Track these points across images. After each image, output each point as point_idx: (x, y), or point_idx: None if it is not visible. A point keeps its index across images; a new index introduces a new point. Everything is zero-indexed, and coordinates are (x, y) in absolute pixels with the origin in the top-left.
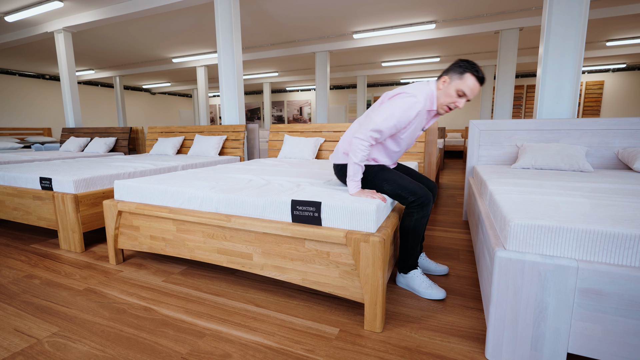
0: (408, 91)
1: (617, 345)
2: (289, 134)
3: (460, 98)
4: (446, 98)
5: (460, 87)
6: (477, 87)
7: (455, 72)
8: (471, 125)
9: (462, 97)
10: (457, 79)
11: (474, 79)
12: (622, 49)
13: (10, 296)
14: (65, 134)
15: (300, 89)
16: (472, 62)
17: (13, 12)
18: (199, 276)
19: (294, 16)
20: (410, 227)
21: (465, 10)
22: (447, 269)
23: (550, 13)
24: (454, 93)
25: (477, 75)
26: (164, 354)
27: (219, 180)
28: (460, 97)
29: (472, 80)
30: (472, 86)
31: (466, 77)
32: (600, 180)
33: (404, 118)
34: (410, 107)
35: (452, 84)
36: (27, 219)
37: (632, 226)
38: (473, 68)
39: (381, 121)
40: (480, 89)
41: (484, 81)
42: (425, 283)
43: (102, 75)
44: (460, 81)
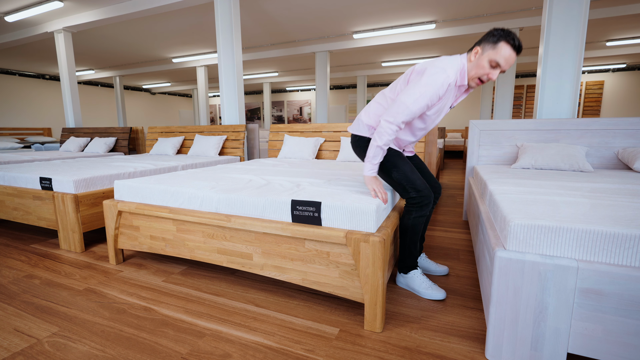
0: (437, 65)
1: (617, 345)
2: (289, 134)
3: (493, 69)
4: (478, 70)
5: (494, 57)
6: (513, 56)
7: (488, 42)
8: (471, 125)
9: (496, 68)
10: (490, 48)
11: (509, 47)
12: (622, 49)
13: (10, 296)
14: (65, 134)
15: (300, 89)
16: (507, 30)
17: (13, 12)
18: (199, 276)
19: (294, 16)
20: (409, 225)
21: (465, 10)
22: (447, 269)
23: (550, 13)
24: (487, 64)
25: (513, 43)
26: (164, 354)
27: (219, 180)
28: (494, 68)
29: (507, 50)
30: (507, 56)
31: (500, 46)
32: (600, 180)
33: (435, 96)
34: (441, 84)
35: (484, 55)
36: (27, 219)
37: (632, 226)
38: (508, 36)
39: (412, 103)
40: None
41: (520, 50)
42: (425, 283)
43: (102, 75)
44: (493, 51)
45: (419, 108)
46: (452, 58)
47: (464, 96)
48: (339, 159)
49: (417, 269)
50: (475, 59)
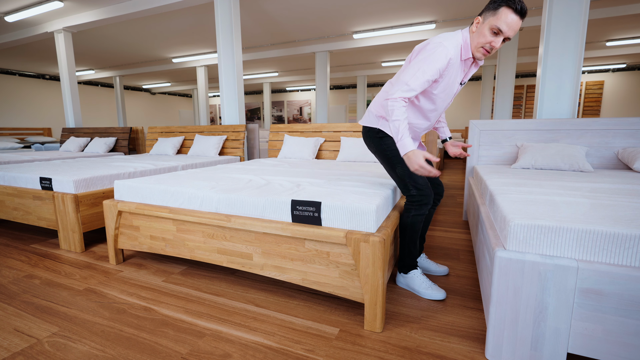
0: (435, 40)
1: (617, 345)
2: (289, 134)
3: (496, 36)
4: (481, 38)
5: (495, 23)
6: (516, 21)
7: (489, 10)
8: (471, 125)
9: (498, 34)
10: (491, 15)
11: (509, 11)
12: (622, 49)
13: (10, 296)
14: (65, 134)
15: (300, 89)
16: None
17: (13, 12)
18: (199, 276)
19: (294, 16)
20: (407, 224)
21: (465, 10)
22: (447, 269)
23: (550, 13)
24: (488, 32)
25: (515, 7)
26: (164, 354)
27: (219, 180)
28: (496, 34)
29: (508, 14)
30: (509, 20)
31: (501, 11)
32: (600, 180)
33: (435, 70)
34: (439, 58)
35: (485, 23)
36: (27, 219)
37: (632, 226)
38: (510, 0)
39: (410, 78)
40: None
41: (524, 14)
42: (425, 283)
43: (102, 75)
44: (494, 17)
45: (418, 84)
46: (453, 33)
47: (473, 70)
48: (339, 159)
49: (417, 268)
50: (477, 29)
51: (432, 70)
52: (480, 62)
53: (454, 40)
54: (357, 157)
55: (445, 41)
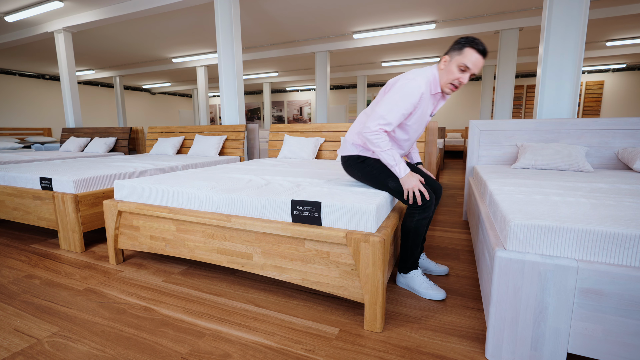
0: (408, 76)
1: (617, 345)
2: (289, 134)
3: (463, 73)
4: (449, 75)
5: (462, 61)
6: (480, 59)
7: (455, 50)
8: (471, 125)
9: (465, 71)
10: (457, 54)
11: (474, 51)
12: (622, 49)
13: (10, 296)
14: (65, 134)
15: (300, 89)
16: (471, 37)
17: (13, 12)
18: (199, 276)
19: (294, 16)
20: (412, 228)
21: (465, 10)
22: (447, 269)
23: (550, 13)
24: (456, 69)
25: (477, 47)
26: (164, 354)
27: (219, 180)
28: (463, 71)
29: (472, 54)
30: (474, 60)
31: (466, 51)
32: (600, 180)
33: (409, 104)
34: (413, 92)
35: (452, 61)
36: (27, 219)
37: (632, 226)
38: (472, 42)
39: (387, 112)
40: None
41: (485, 53)
42: (425, 283)
43: (102, 75)
44: (460, 56)
45: (394, 118)
46: (423, 69)
47: (442, 103)
48: (339, 159)
49: (417, 269)
50: (445, 67)
51: (406, 104)
52: (448, 96)
53: (424, 76)
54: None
55: (417, 77)
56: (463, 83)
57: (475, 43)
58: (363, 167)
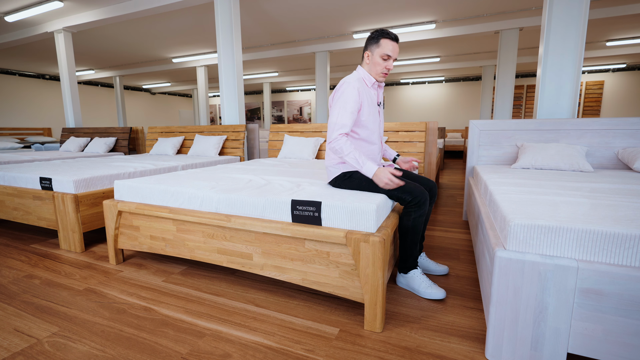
0: (341, 83)
1: (617, 345)
2: (289, 134)
3: (386, 61)
4: (377, 67)
5: (383, 51)
6: (395, 45)
7: (372, 44)
8: (471, 125)
9: (388, 59)
10: (376, 47)
11: (389, 40)
12: (622, 49)
13: (10, 296)
14: (65, 134)
15: (300, 89)
16: (380, 29)
17: (13, 12)
18: (199, 276)
19: (294, 16)
20: (409, 227)
21: (465, 10)
22: (447, 269)
23: (550, 13)
24: (380, 60)
25: (390, 37)
26: (164, 354)
27: (219, 180)
28: (386, 60)
29: (388, 43)
30: (392, 47)
31: (382, 42)
32: (600, 180)
33: (352, 101)
34: (349, 91)
35: (374, 54)
36: (27, 219)
37: (632, 226)
38: (384, 33)
39: (337, 117)
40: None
41: (397, 40)
42: (425, 283)
43: (102, 75)
44: (379, 49)
45: (346, 118)
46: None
47: (381, 91)
48: None
49: (417, 268)
50: (370, 61)
51: (350, 103)
52: (382, 83)
53: (352, 78)
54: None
55: (346, 81)
56: (390, 69)
57: (387, 33)
58: (351, 182)
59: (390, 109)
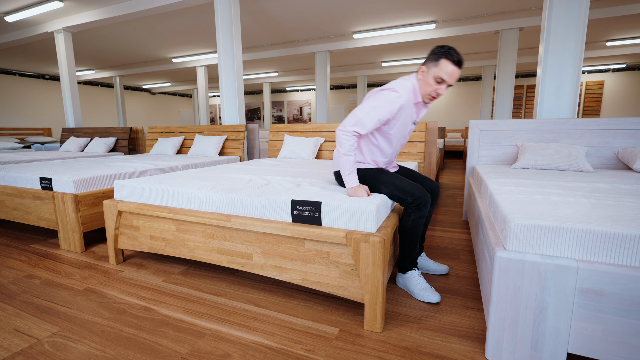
0: (390, 87)
1: (617, 345)
2: (289, 134)
3: (439, 85)
4: (427, 87)
5: (437, 73)
6: (455, 71)
7: (431, 60)
8: (471, 125)
9: (441, 83)
10: (434, 66)
11: (449, 63)
12: (622, 49)
13: (10, 296)
14: (65, 134)
15: (300, 89)
16: (447, 47)
17: (13, 12)
18: (199, 276)
19: (294, 16)
20: (408, 227)
21: (465, 10)
22: (447, 268)
23: (550, 13)
24: (433, 81)
25: (452, 59)
26: (164, 354)
27: (219, 180)
28: (439, 83)
29: (447, 65)
30: (450, 71)
31: (441, 63)
32: (600, 180)
33: (386, 112)
34: (391, 101)
35: (429, 73)
36: (27, 219)
37: (632, 226)
38: (447, 53)
39: (363, 115)
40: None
41: (460, 64)
42: (421, 285)
43: (102, 75)
44: (436, 68)
45: (370, 121)
46: (404, 80)
47: (424, 111)
48: None
49: (415, 269)
50: (423, 77)
51: (384, 112)
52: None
53: (405, 87)
54: None
55: (398, 89)
56: (440, 94)
57: (451, 54)
58: None
59: None
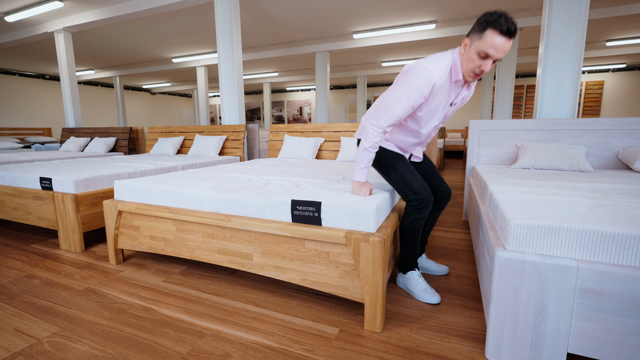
0: (422, 64)
1: (617, 345)
2: (289, 134)
3: (484, 60)
4: (469, 63)
5: (481, 47)
6: (504, 42)
7: (476, 31)
8: (471, 125)
9: (486, 58)
10: (477, 39)
11: (496, 33)
12: (622, 49)
13: (10, 296)
14: (65, 134)
15: (300, 89)
16: (496, 14)
17: (13, 12)
18: (199, 276)
19: (294, 16)
20: (407, 227)
21: (465, 10)
22: (447, 269)
23: (550, 13)
24: (476, 56)
25: (501, 29)
26: (164, 354)
27: (219, 180)
28: (484, 59)
29: (494, 37)
30: (496, 44)
31: (487, 34)
32: (600, 180)
33: (419, 96)
34: (424, 83)
35: (472, 46)
36: (27, 219)
37: (632, 226)
38: (495, 22)
39: (394, 104)
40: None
41: (512, 34)
42: (421, 285)
43: (102, 75)
44: (480, 41)
45: (403, 110)
46: (442, 55)
47: (465, 92)
48: (339, 159)
49: (415, 269)
50: (465, 51)
51: (415, 96)
52: (473, 84)
53: (442, 64)
54: None
55: (431, 66)
56: (486, 71)
57: (499, 23)
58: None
59: None
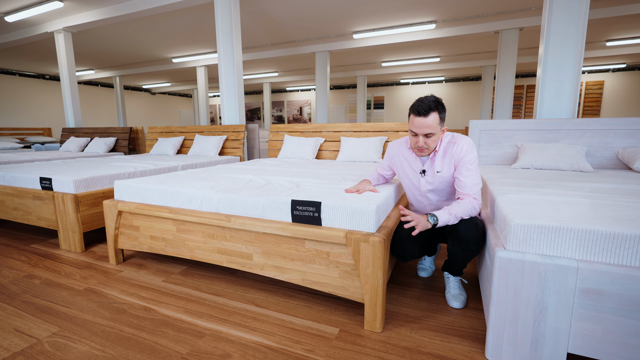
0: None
1: (617, 345)
2: (289, 134)
3: (415, 137)
4: (410, 140)
5: (409, 127)
6: (420, 121)
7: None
8: (471, 125)
9: (415, 135)
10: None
11: (413, 115)
12: (622, 49)
13: (10, 296)
14: (65, 134)
15: (300, 89)
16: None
17: (13, 12)
18: (199, 276)
19: (294, 16)
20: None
21: (465, 10)
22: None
23: (550, 13)
24: (410, 134)
25: (414, 111)
26: (164, 354)
27: (219, 180)
28: (415, 136)
29: (413, 118)
30: (416, 123)
31: (410, 117)
32: (600, 180)
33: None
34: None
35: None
36: (27, 219)
37: (632, 226)
38: (413, 107)
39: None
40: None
41: (422, 113)
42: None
43: (102, 75)
44: (409, 123)
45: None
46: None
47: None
48: (339, 159)
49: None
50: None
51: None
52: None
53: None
54: (357, 157)
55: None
56: (420, 146)
57: (414, 107)
58: None
59: (391, 109)
